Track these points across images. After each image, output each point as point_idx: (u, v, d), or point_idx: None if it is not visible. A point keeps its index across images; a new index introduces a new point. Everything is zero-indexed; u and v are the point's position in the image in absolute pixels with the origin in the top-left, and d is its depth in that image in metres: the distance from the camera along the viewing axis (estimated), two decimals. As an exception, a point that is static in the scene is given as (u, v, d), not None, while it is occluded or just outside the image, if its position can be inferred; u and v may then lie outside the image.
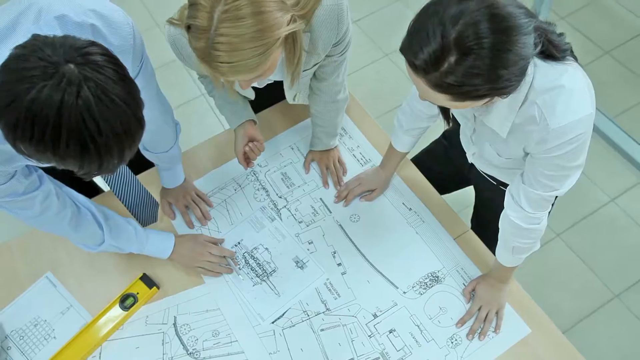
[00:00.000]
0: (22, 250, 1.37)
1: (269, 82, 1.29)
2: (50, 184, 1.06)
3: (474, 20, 0.76)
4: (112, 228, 1.20)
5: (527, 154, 1.00)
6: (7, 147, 0.76)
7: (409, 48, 0.81)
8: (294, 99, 1.35)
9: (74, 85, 0.69)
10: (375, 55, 2.66)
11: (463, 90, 0.80)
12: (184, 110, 2.47)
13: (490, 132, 1.02)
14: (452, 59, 0.77)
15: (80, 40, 0.74)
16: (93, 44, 0.75)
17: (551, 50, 0.87)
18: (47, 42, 0.72)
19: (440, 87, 0.80)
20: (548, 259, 2.07)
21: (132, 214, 1.29)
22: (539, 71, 0.88)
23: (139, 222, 1.31)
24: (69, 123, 0.69)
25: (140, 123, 0.77)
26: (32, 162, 0.90)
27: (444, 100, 0.84)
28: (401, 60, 2.60)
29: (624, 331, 1.92)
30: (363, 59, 2.64)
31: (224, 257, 1.33)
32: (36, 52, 0.70)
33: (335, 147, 1.47)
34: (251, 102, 1.42)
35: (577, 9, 2.74)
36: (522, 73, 0.82)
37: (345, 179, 1.45)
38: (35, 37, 0.73)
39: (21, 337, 1.26)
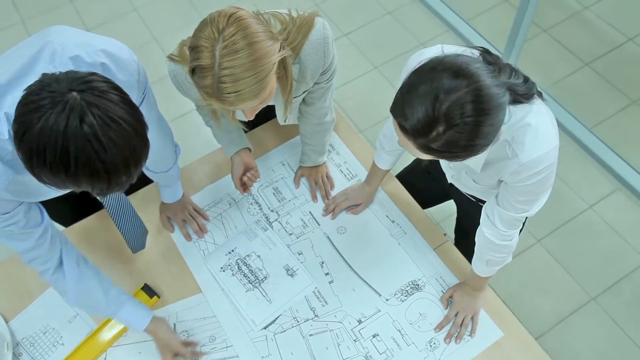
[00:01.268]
0: (31, 263, 1.46)
1: (263, 106, 1.39)
2: (49, 228, 1.11)
3: (462, 100, 0.84)
4: (79, 293, 1.19)
5: (500, 182, 1.10)
6: (26, 178, 0.84)
7: (400, 112, 0.89)
8: (285, 121, 1.45)
9: (76, 111, 0.75)
10: (364, 68, 2.76)
11: (444, 155, 0.91)
12: (181, 122, 2.56)
13: (466, 166, 1.12)
14: (440, 128, 0.86)
15: (81, 72, 0.81)
16: (94, 74, 0.82)
17: (519, 99, 0.97)
18: (52, 78, 0.79)
19: (426, 149, 0.90)
20: (528, 264, 2.17)
21: (123, 238, 1.36)
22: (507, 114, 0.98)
23: (130, 247, 1.39)
24: (75, 144, 0.75)
25: (144, 142, 0.83)
26: (51, 193, 0.97)
27: (426, 157, 0.94)
28: (390, 72, 2.73)
29: (600, 332, 2.03)
30: (353, 72, 2.74)
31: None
32: (44, 87, 0.77)
33: (324, 163, 1.57)
34: (245, 121, 1.51)
35: (558, 22, 2.85)
36: (492, 139, 0.92)
37: (333, 193, 1.55)
38: (43, 76, 0.81)
39: (32, 344, 1.35)
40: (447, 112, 0.85)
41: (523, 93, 0.97)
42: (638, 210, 2.28)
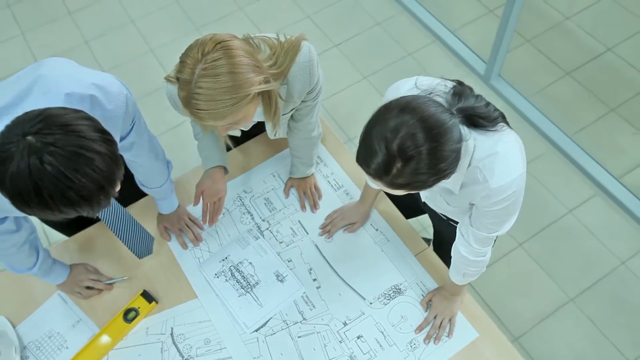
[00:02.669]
0: (36, 271, 1.55)
1: (254, 122, 1.48)
2: (27, 240, 1.23)
3: (410, 132, 0.92)
4: (44, 259, 1.35)
5: (472, 205, 1.20)
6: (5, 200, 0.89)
7: (362, 160, 0.98)
8: (275, 135, 1.54)
9: (34, 154, 0.80)
10: (354, 78, 2.85)
11: (414, 187, 0.98)
12: (177, 131, 2.64)
13: (443, 188, 1.21)
14: (398, 165, 0.93)
15: (34, 111, 0.85)
16: (47, 109, 0.85)
17: (481, 122, 1.05)
18: (6, 129, 0.83)
19: (394, 186, 0.98)
20: (511, 267, 2.27)
21: (128, 248, 1.45)
22: (478, 142, 1.06)
23: (135, 254, 1.48)
24: (44, 184, 0.81)
25: (112, 160, 0.86)
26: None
27: (400, 192, 1.02)
28: (379, 82, 2.86)
29: (578, 331, 2.12)
30: (343, 82, 2.83)
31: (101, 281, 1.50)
32: (4, 138, 0.82)
33: (312, 174, 1.66)
34: (232, 135, 1.61)
35: (541, 32, 2.95)
36: (457, 159, 0.99)
37: (321, 202, 1.64)
38: (2, 129, 0.84)
39: (38, 348, 1.44)
40: (399, 148, 0.92)
41: (484, 115, 1.05)
42: (615, 215, 2.38)
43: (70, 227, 1.64)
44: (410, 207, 1.60)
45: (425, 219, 1.73)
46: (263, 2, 3.17)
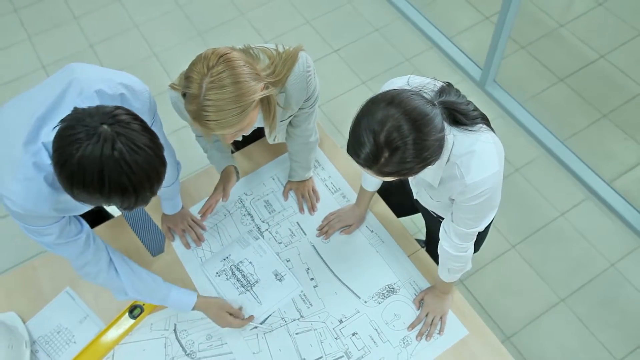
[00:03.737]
0: (45, 269, 1.61)
1: (253, 128, 1.54)
2: (90, 234, 1.27)
3: (397, 124, 0.99)
4: (134, 283, 1.36)
5: (452, 200, 1.27)
6: (66, 197, 0.98)
7: (352, 150, 1.05)
8: (273, 140, 1.61)
9: (109, 141, 0.90)
10: (353, 83, 2.92)
11: (401, 174, 1.05)
12: (179, 135, 2.70)
13: (425, 182, 1.29)
14: (386, 155, 1.00)
15: (109, 106, 0.97)
16: (118, 107, 0.98)
17: (460, 119, 1.12)
18: (85, 113, 0.94)
19: (383, 173, 1.05)
20: (504, 268, 2.33)
21: (144, 245, 1.51)
22: (457, 139, 1.13)
23: (150, 252, 1.55)
24: (109, 169, 0.90)
25: (162, 161, 0.99)
26: (85, 208, 1.12)
27: (388, 179, 1.09)
28: (377, 87, 2.95)
29: (568, 331, 2.19)
30: (342, 86, 2.90)
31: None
32: (79, 121, 0.93)
33: (310, 178, 1.73)
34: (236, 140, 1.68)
35: (536, 39, 3.01)
36: (441, 146, 1.06)
37: (318, 205, 1.71)
38: (75, 110, 0.96)
39: (47, 342, 1.51)
40: (386, 139, 0.99)
41: (463, 111, 1.12)
42: (605, 218, 2.44)
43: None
44: (404, 205, 1.66)
45: (420, 220, 1.80)
46: (264, 8, 3.24)
